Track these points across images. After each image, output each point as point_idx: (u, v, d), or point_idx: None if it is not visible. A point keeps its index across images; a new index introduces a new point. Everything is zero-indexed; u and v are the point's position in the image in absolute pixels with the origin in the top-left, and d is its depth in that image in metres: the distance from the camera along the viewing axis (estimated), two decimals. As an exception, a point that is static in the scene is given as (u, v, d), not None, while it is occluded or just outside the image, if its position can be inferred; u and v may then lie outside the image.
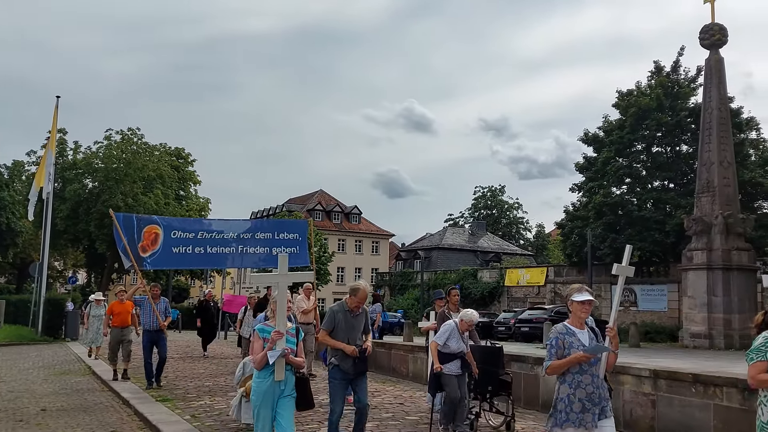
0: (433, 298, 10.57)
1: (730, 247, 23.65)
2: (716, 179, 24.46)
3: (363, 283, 6.60)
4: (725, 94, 26.35)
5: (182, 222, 13.80)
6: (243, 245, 13.36)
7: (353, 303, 6.50)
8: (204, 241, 13.08)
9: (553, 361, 4.50)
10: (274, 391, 5.35)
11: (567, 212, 38.63)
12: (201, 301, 21.21)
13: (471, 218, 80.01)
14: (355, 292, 6.46)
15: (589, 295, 4.66)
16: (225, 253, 13.31)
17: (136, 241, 12.23)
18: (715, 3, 25.64)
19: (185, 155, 54.20)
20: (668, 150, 36.01)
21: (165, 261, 13.06)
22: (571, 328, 4.64)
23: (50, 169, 27.96)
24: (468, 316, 7.75)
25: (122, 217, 13.00)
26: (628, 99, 35.72)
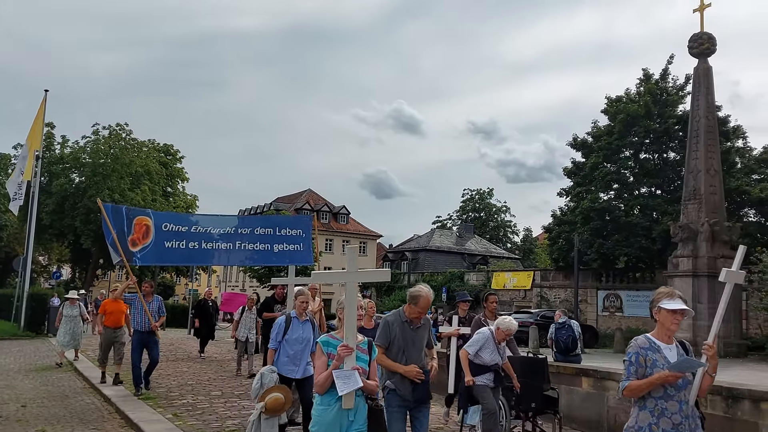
0: (457, 300, 9.60)
1: (715, 254, 23.80)
2: (703, 187, 24.62)
3: (425, 288, 5.28)
4: (713, 103, 26.55)
5: (174, 216, 13.08)
6: (241, 241, 12.55)
7: (413, 313, 5.29)
8: (199, 236, 12.22)
9: (632, 381, 3.72)
10: (341, 423, 4.19)
11: (554, 216, 38.80)
12: (200, 300, 20.25)
13: (459, 220, 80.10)
14: (415, 300, 5.24)
15: (683, 303, 3.91)
16: (221, 249, 12.46)
17: (126, 234, 11.32)
18: (704, 12, 25.84)
19: (174, 152, 53.89)
20: (656, 157, 36.23)
21: (157, 256, 12.10)
22: (656, 342, 3.86)
23: (22, 165, 27.54)
24: (505, 325, 6.89)
25: (111, 208, 12.07)
26: (616, 105, 35.92)
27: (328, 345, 4.32)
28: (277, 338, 6.91)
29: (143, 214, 12.20)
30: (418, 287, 5.29)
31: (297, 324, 6.96)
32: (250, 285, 55.02)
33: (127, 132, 48.09)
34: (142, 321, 10.81)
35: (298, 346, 6.87)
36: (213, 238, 12.33)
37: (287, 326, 6.91)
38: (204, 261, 14.72)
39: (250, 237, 12.59)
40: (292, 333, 6.89)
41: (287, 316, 7.05)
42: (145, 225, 11.65)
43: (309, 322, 7.05)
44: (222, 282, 78.35)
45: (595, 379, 9.33)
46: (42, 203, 37.68)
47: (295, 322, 6.96)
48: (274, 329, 6.99)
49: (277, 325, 7.01)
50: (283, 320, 7.00)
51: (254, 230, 12.66)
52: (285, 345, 6.88)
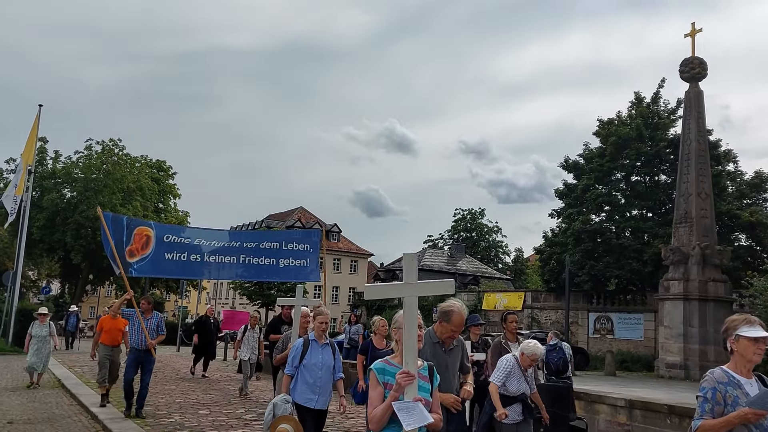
0: (468, 324, 8.40)
1: (706, 278, 23.89)
2: (694, 210, 24.77)
3: (458, 303, 4.65)
4: (704, 127, 26.81)
5: (178, 228, 12.19)
6: (246, 255, 12.09)
7: (446, 332, 4.72)
8: (200, 249, 11.64)
9: (706, 420, 3.27)
10: None
11: (546, 238, 38.89)
12: (201, 316, 19.44)
13: (450, 240, 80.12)
14: (447, 317, 4.63)
15: (764, 330, 3.39)
16: (224, 263, 11.95)
17: (124, 244, 10.79)
18: (695, 37, 26.19)
19: (166, 168, 53.80)
20: (647, 179, 36.47)
21: (154, 268, 11.48)
22: (735, 376, 3.34)
23: (17, 180, 27.42)
24: (530, 350, 6.28)
25: (111, 217, 11.49)
26: (608, 128, 36.20)
27: (385, 373, 3.56)
28: (294, 363, 6.15)
29: (145, 224, 11.65)
30: (449, 302, 4.59)
31: (316, 347, 6.23)
32: (240, 302, 54.66)
33: (120, 147, 48.07)
34: (139, 339, 10.22)
35: (318, 372, 6.11)
36: (216, 252, 11.86)
37: (305, 350, 6.18)
38: (204, 275, 14.33)
39: (255, 251, 12.19)
40: (310, 357, 6.14)
41: (305, 338, 6.33)
42: (145, 235, 11.15)
43: (329, 346, 6.32)
44: (212, 299, 77.88)
45: (586, 402, 9.30)
46: (33, 218, 37.45)
47: (314, 345, 6.24)
48: (290, 353, 6.33)
49: (294, 348, 6.31)
50: (300, 343, 6.27)
51: (260, 244, 12.31)
52: (303, 371, 6.11)
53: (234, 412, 10.96)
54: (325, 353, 6.23)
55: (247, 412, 11.01)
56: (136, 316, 10.26)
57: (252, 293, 47.48)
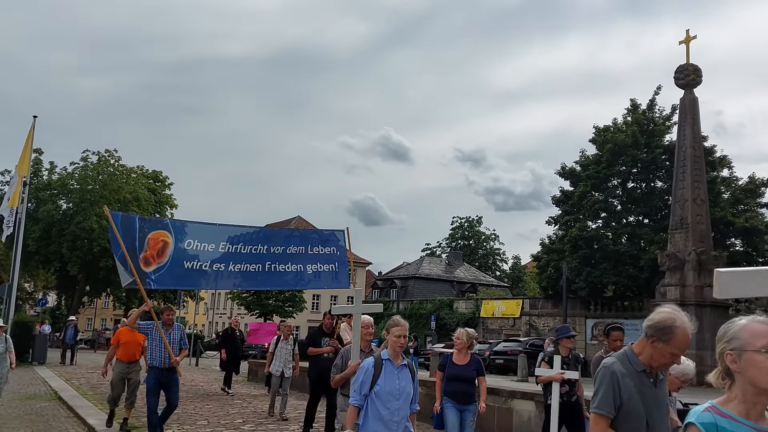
0: (557, 337, 7.60)
1: (702, 283, 23.95)
2: (690, 216, 24.87)
3: (680, 315, 3.01)
4: (699, 133, 26.95)
5: (199, 229, 10.59)
6: (272, 262, 10.85)
7: (662, 357, 3.03)
8: (226, 257, 10.45)
9: None
10: None
11: (543, 245, 39.00)
12: (226, 329, 18.18)
13: (448, 248, 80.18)
14: (666, 334, 2.97)
15: None
16: (250, 272, 10.75)
17: (138, 251, 9.58)
18: (690, 44, 26.36)
19: (162, 178, 53.84)
20: (643, 186, 36.60)
21: (174, 279, 10.29)
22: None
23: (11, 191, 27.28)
24: (679, 369, 4.61)
25: (121, 217, 10.25)
26: (604, 135, 36.38)
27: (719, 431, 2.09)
28: (363, 390, 4.76)
29: (161, 227, 10.26)
30: (664, 311, 3.07)
31: (391, 369, 4.83)
32: (238, 312, 54.51)
33: (116, 158, 48.12)
34: (161, 355, 8.79)
35: (395, 402, 4.74)
36: (241, 259, 10.63)
37: (377, 372, 4.79)
38: (230, 285, 12.70)
39: (281, 257, 10.98)
40: (385, 383, 4.75)
41: (377, 357, 4.92)
42: (162, 241, 9.91)
43: (407, 368, 4.94)
44: (209, 309, 77.70)
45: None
46: (28, 229, 37.38)
47: (388, 366, 4.83)
48: (357, 377, 4.88)
49: (362, 371, 4.86)
50: (371, 364, 4.85)
51: (287, 249, 11.08)
52: (375, 401, 4.73)
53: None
54: (403, 377, 4.86)
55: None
56: (155, 330, 8.90)
57: (250, 303, 47.40)
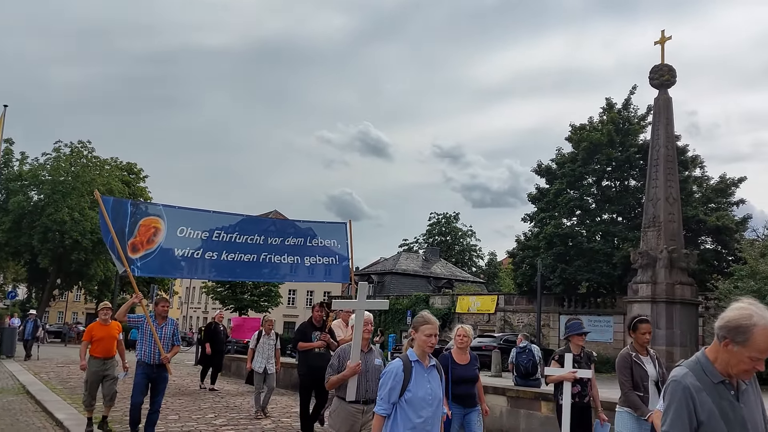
0: (568, 333, 7.07)
1: (674, 281, 24.28)
2: (662, 215, 25.17)
3: (751, 308, 2.59)
4: (672, 133, 27.28)
5: (193, 216, 10.11)
6: (269, 253, 10.47)
7: (740, 363, 2.61)
8: (220, 245, 10.03)
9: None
10: None
11: (518, 241, 39.29)
12: (209, 324, 17.67)
13: (425, 244, 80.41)
14: (743, 335, 2.56)
15: None
16: (244, 262, 10.31)
17: (126, 237, 9.17)
18: (665, 44, 26.64)
19: (137, 170, 53.22)
20: (617, 184, 37.02)
21: (162, 266, 9.82)
22: None
23: None
24: None
25: (112, 202, 9.83)
26: (580, 133, 36.71)
27: None
28: (392, 398, 4.22)
29: (154, 212, 9.76)
30: (739, 306, 2.63)
31: (421, 372, 4.32)
32: (213, 307, 54.11)
33: (89, 149, 47.42)
34: (151, 351, 8.34)
35: (428, 409, 4.24)
36: (236, 249, 10.22)
37: (407, 377, 4.25)
38: (222, 275, 12.15)
39: (279, 249, 10.59)
40: (416, 388, 4.24)
41: (405, 359, 4.34)
42: (153, 227, 9.49)
43: (435, 369, 4.44)
44: (184, 303, 77.06)
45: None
46: (-2, 220, 36.73)
47: (417, 368, 4.31)
48: (385, 382, 4.28)
49: (390, 374, 4.28)
50: (399, 367, 4.27)
51: (285, 240, 10.70)
52: (406, 409, 4.20)
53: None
54: (433, 380, 4.37)
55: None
56: (146, 324, 8.44)
57: (225, 297, 47.08)
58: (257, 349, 11.84)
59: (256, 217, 10.94)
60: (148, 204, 10.06)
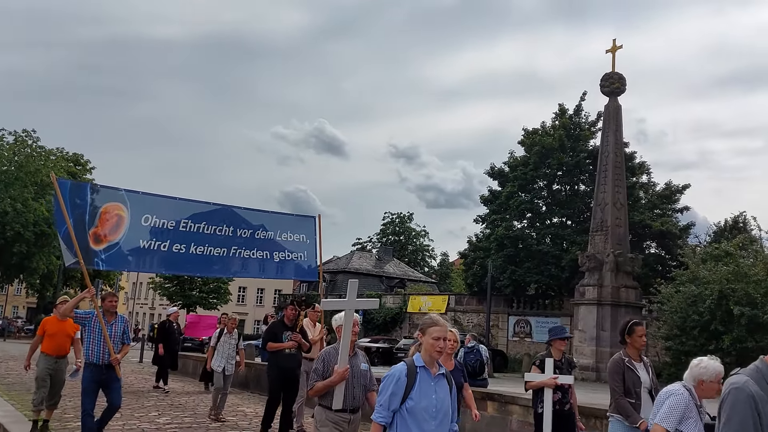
0: (551, 338, 6.84)
1: (619, 284, 24.94)
2: (609, 219, 25.82)
3: None
4: (621, 140, 28.03)
5: (158, 203, 9.35)
6: (238, 247, 9.91)
7: None
8: (187, 236, 9.39)
9: None
10: None
11: (470, 242, 39.74)
12: (163, 322, 17.22)
13: (379, 243, 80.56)
14: None
15: None
16: (213, 256, 9.66)
17: (87, 226, 8.33)
18: (616, 53, 27.33)
19: (83, 162, 51.81)
20: (567, 189, 37.78)
21: (126, 260, 9.09)
22: None
23: None
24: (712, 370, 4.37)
25: (69, 186, 8.76)
26: (533, 137, 37.32)
27: None
28: (392, 405, 3.84)
29: (116, 198, 8.92)
30: None
31: (427, 380, 3.92)
32: (160, 303, 53.07)
33: (33, 139, 45.88)
34: (99, 350, 7.63)
35: (431, 422, 3.85)
36: (205, 241, 9.59)
37: (410, 383, 3.87)
38: (190, 270, 11.42)
39: (248, 242, 10.08)
40: (420, 397, 3.84)
41: (410, 363, 3.96)
42: (116, 215, 8.74)
43: (444, 378, 4.03)
44: (130, 299, 75.39)
45: (499, 403, 9.52)
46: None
47: (423, 375, 3.91)
48: (386, 387, 3.89)
49: (392, 379, 3.89)
50: (403, 372, 3.90)
51: (255, 233, 10.17)
52: (407, 420, 3.83)
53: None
54: (441, 389, 3.96)
55: None
56: (95, 321, 7.71)
57: (173, 293, 46.22)
58: (218, 348, 11.36)
59: (225, 206, 10.22)
60: (109, 189, 9.02)
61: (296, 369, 9.06)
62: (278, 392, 8.82)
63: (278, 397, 8.84)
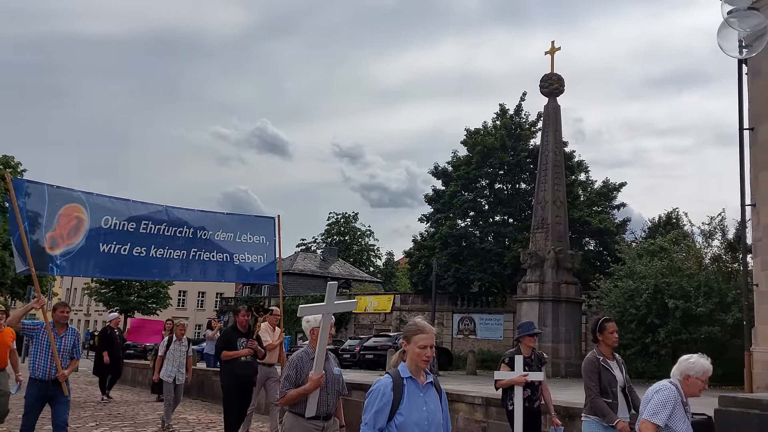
0: (519, 334, 6.83)
1: (560, 280, 25.46)
2: (550, 217, 26.35)
3: None
4: (560, 139, 28.65)
5: (117, 205, 8.93)
6: (198, 249, 9.59)
7: None
8: (148, 239, 9.02)
9: None
10: None
11: (415, 241, 39.98)
12: (104, 329, 16.56)
13: (324, 244, 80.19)
14: None
15: None
16: (174, 259, 9.34)
17: (44, 228, 7.90)
18: (554, 54, 27.89)
19: (14, 164, 49.57)
20: (509, 187, 38.41)
21: (86, 265, 8.71)
22: None
23: None
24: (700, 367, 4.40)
25: (25, 186, 8.13)
26: (475, 137, 37.81)
27: None
28: (379, 422, 3.51)
29: (73, 199, 8.42)
30: None
31: (415, 391, 3.63)
32: (96, 309, 51.37)
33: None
34: (46, 365, 7.08)
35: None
36: (165, 243, 9.25)
37: (398, 396, 3.55)
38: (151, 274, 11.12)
39: (208, 244, 9.75)
40: (409, 410, 3.54)
41: (395, 374, 3.65)
42: (75, 217, 8.29)
43: (433, 387, 3.78)
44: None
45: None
46: None
47: (411, 387, 3.62)
48: (370, 404, 3.57)
49: (377, 394, 3.57)
50: (388, 386, 3.58)
51: (215, 234, 9.86)
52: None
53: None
54: (430, 400, 3.68)
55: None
56: (44, 332, 7.20)
57: (109, 299, 44.79)
58: (167, 357, 10.84)
59: (182, 208, 9.89)
60: (65, 190, 8.45)
61: (252, 376, 8.86)
62: (234, 401, 8.55)
63: (235, 407, 8.54)
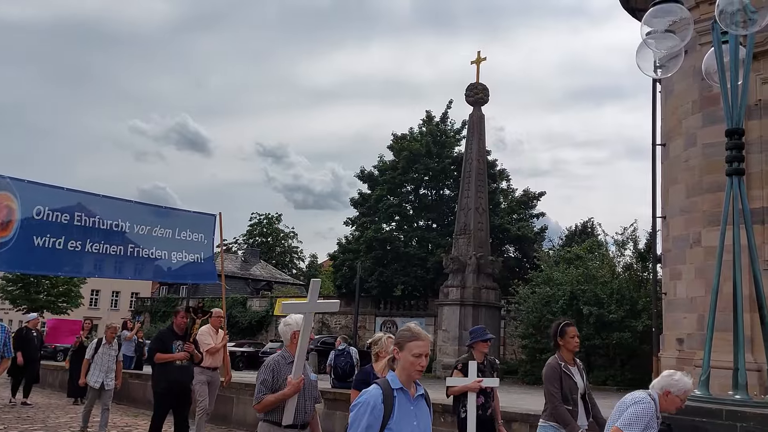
0: (472, 340, 6.59)
1: (480, 285, 26.11)
2: (472, 223, 26.98)
3: None
4: (484, 148, 29.42)
5: (49, 193, 8.21)
6: (135, 245, 9.05)
7: None
8: (82, 232, 8.42)
9: None
10: None
11: (340, 244, 40.03)
12: (20, 329, 15.71)
13: (245, 245, 78.88)
14: None
15: None
16: (110, 255, 8.78)
17: None
18: (480, 65, 28.61)
19: None
20: (433, 193, 39.06)
21: (19, 260, 8.10)
22: None
23: None
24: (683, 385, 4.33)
25: None
26: (401, 142, 38.25)
27: None
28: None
29: (3, 187, 7.84)
30: None
31: (406, 404, 3.26)
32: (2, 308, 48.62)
33: None
34: None
35: None
36: (100, 237, 8.63)
37: (388, 410, 3.20)
38: (85, 272, 10.31)
39: (147, 240, 9.20)
40: (400, 425, 3.19)
41: (384, 385, 3.26)
42: (6, 206, 7.70)
43: (424, 400, 3.42)
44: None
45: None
46: None
47: (401, 399, 3.25)
48: (358, 418, 3.18)
49: (366, 407, 3.17)
50: (378, 398, 3.19)
51: (153, 230, 9.29)
52: None
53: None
54: (421, 413, 3.35)
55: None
56: None
57: (17, 297, 42.48)
58: (94, 361, 10.03)
59: (118, 199, 9.30)
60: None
61: (188, 382, 8.28)
62: (166, 408, 8.03)
63: (164, 414, 8.06)
